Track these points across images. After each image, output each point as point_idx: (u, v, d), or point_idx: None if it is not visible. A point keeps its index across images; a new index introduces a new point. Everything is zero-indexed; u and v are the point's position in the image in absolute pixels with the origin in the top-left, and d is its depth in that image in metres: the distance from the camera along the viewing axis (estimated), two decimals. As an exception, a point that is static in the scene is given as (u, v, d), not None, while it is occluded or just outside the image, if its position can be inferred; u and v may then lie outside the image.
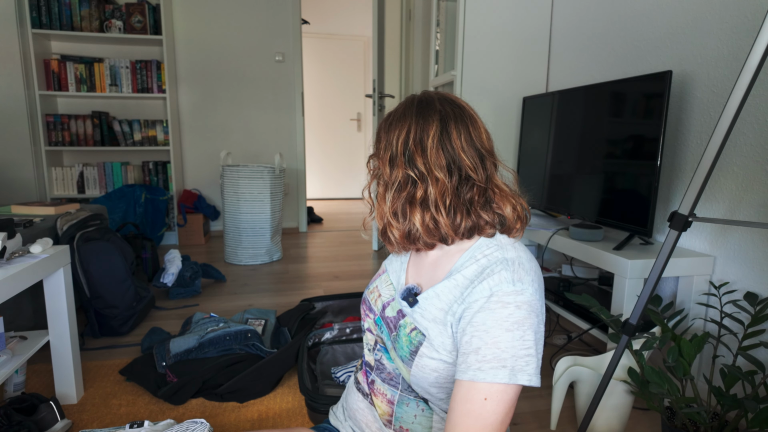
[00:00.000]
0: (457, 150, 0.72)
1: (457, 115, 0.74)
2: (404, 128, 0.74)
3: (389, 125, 0.76)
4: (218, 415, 1.46)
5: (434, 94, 0.77)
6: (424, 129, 0.72)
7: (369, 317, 0.87)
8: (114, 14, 3.38)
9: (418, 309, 0.75)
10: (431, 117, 0.73)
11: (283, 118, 4.02)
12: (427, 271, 0.79)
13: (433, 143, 0.72)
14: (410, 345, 0.74)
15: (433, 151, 0.72)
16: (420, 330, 0.74)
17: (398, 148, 0.74)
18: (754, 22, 1.40)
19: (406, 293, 0.77)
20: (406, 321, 0.76)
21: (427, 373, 0.73)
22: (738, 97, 0.94)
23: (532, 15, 2.42)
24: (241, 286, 2.70)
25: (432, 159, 0.71)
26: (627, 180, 1.63)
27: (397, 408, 0.79)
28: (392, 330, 0.78)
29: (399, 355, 0.76)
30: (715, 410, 1.25)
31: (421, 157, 0.72)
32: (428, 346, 0.72)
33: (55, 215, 2.07)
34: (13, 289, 1.19)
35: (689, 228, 1.29)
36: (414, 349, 0.73)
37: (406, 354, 0.74)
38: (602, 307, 1.28)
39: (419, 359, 0.73)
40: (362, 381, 0.88)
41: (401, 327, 0.76)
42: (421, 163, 0.72)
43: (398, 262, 0.87)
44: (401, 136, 0.74)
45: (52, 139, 3.43)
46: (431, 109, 0.74)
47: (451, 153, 0.72)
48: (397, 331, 0.77)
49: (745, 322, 1.29)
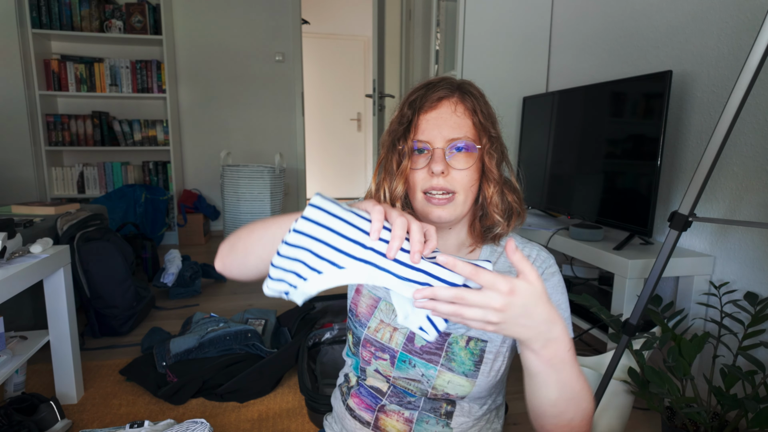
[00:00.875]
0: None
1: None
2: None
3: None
4: (218, 415, 1.46)
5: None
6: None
7: (382, 359, 0.77)
8: (114, 14, 3.38)
9: None
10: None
11: (283, 118, 4.02)
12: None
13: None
14: (473, 357, 0.73)
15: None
16: (478, 338, 0.73)
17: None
18: (754, 22, 1.40)
19: None
20: (454, 337, 0.74)
21: (493, 375, 0.74)
22: (738, 97, 0.94)
23: (532, 15, 2.42)
24: (241, 286, 2.70)
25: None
26: (627, 180, 1.63)
27: (416, 426, 0.77)
28: (438, 355, 0.74)
29: (460, 372, 0.73)
30: (715, 410, 1.25)
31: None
32: (492, 348, 0.73)
33: (55, 215, 2.07)
34: (13, 289, 1.19)
35: (689, 228, 1.29)
36: (478, 359, 0.73)
37: (470, 367, 0.73)
38: (602, 307, 1.28)
39: (485, 366, 0.73)
40: (357, 407, 0.81)
41: (452, 345, 0.74)
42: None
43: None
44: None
45: (52, 139, 3.43)
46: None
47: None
48: (447, 351, 0.74)
49: (745, 322, 1.29)
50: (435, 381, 0.74)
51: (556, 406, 0.60)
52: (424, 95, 0.73)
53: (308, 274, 0.53)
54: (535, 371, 0.58)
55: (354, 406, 0.82)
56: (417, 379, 0.75)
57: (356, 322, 0.81)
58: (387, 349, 0.77)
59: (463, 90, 0.74)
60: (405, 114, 0.74)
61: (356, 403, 0.81)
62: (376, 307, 0.80)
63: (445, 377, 0.74)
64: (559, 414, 0.60)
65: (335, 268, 0.53)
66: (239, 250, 0.67)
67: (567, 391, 0.58)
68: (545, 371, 0.57)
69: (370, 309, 0.80)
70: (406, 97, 0.75)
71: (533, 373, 0.58)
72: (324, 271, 0.53)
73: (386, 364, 0.76)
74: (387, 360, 0.76)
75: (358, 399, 0.82)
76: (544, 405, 0.61)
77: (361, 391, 0.82)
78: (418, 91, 0.74)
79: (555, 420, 0.61)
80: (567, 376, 0.58)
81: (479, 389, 0.74)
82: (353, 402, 0.82)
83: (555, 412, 0.60)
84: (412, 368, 0.75)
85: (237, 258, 0.68)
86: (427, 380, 0.74)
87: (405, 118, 0.73)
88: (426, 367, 0.74)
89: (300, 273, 0.53)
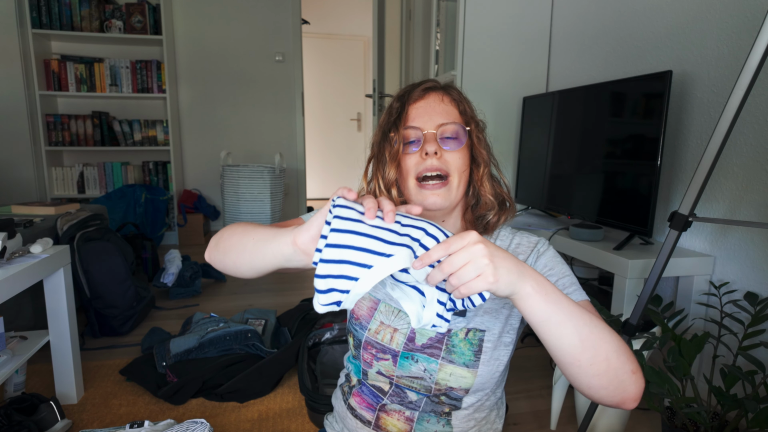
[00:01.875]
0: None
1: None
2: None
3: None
4: (218, 415, 1.46)
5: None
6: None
7: (384, 360, 0.77)
8: (114, 14, 3.38)
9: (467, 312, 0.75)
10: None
11: (283, 118, 4.02)
12: None
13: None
14: (471, 347, 0.74)
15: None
16: (476, 328, 0.74)
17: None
18: (754, 22, 1.40)
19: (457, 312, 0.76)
20: (454, 331, 0.75)
21: (494, 365, 0.75)
22: (738, 97, 0.95)
23: (532, 15, 2.42)
24: (241, 286, 2.70)
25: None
26: (627, 180, 1.63)
27: (417, 425, 0.77)
28: (439, 348, 0.75)
29: (461, 363, 0.74)
30: (715, 410, 1.25)
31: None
32: (490, 337, 0.74)
33: (55, 215, 2.07)
34: (14, 289, 1.19)
35: (689, 228, 1.29)
36: (477, 348, 0.74)
37: (470, 357, 0.74)
38: (602, 307, 1.28)
39: (484, 355, 0.74)
40: (358, 406, 0.82)
41: (452, 338, 0.74)
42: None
43: (389, 286, 0.81)
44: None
45: (52, 139, 3.43)
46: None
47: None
48: (447, 344, 0.74)
49: (745, 322, 1.29)
50: (437, 375, 0.74)
51: (585, 348, 0.57)
52: (412, 89, 0.77)
53: (358, 273, 0.51)
54: (545, 317, 0.57)
55: (355, 405, 0.82)
56: (420, 376, 0.75)
57: (356, 324, 0.81)
58: (388, 350, 0.77)
59: (448, 87, 0.79)
60: (394, 107, 0.77)
61: (358, 402, 0.82)
62: (375, 309, 0.79)
63: (447, 370, 0.74)
64: (593, 357, 0.58)
65: (384, 258, 0.52)
66: (221, 249, 0.69)
67: (582, 325, 0.57)
68: (552, 310, 0.56)
69: (370, 311, 0.80)
70: (395, 97, 0.79)
71: (544, 319, 0.57)
72: (374, 264, 0.51)
73: (389, 364, 0.77)
74: (389, 360, 0.77)
75: (359, 398, 0.82)
76: (574, 354, 0.58)
77: (363, 390, 0.82)
78: (405, 89, 0.79)
79: (594, 368, 0.58)
80: (572, 309, 0.58)
81: (482, 379, 0.75)
82: (355, 401, 0.82)
83: (588, 356, 0.58)
84: (415, 364, 0.75)
85: (218, 255, 0.70)
86: (430, 375, 0.75)
87: (395, 110, 0.76)
88: (428, 361, 0.75)
89: (349, 274, 0.51)
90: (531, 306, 0.56)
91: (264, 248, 0.61)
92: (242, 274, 0.68)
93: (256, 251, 0.62)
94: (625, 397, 0.60)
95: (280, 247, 0.59)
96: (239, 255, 0.65)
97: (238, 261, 0.65)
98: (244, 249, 0.64)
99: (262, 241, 0.62)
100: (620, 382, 0.59)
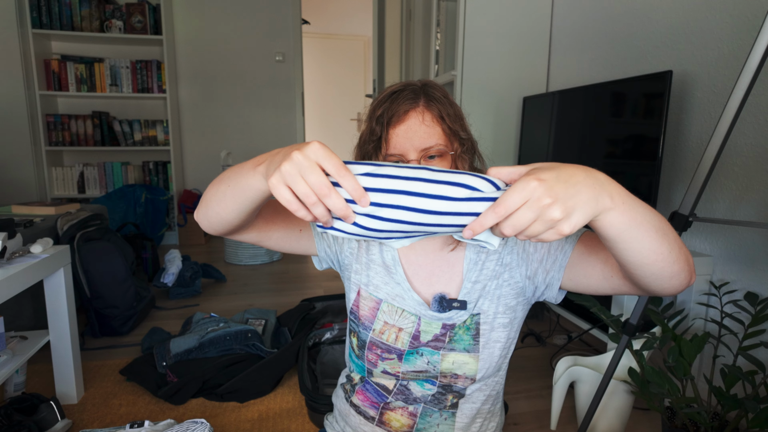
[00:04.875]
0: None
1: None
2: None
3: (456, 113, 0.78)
4: (218, 415, 1.46)
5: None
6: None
7: (389, 359, 0.78)
8: (114, 14, 3.38)
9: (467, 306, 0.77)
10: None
11: (283, 118, 4.02)
12: (436, 275, 0.78)
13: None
14: (469, 331, 0.76)
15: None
16: (471, 313, 0.76)
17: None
18: (754, 22, 1.40)
19: (458, 305, 0.77)
20: (457, 324, 0.77)
21: (498, 347, 0.76)
22: (738, 97, 0.95)
23: (532, 15, 2.42)
24: (241, 286, 2.70)
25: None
26: (627, 180, 1.63)
27: (420, 420, 0.78)
28: (442, 341, 0.76)
29: (462, 349, 0.76)
30: (715, 410, 1.25)
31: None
32: (486, 319, 0.76)
33: (55, 215, 2.07)
34: (14, 289, 1.19)
35: (689, 228, 1.29)
36: (475, 332, 0.76)
37: (469, 342, 0.76)
38: (602, 307, 1.28)
39: (482, 338, 0.76)
40: (362, 404, 0.82)
41: (454, 330, 0.76)
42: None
43: (390, 285, 0.79)
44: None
45: (53, 139, 3.43)
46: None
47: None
48: (449, 337, 0.76)
49: (746, 322, 1.29)
50: (441, 365, 0.76)
51: (665, 236, 0.54)
52: (390, 108, 0.73)
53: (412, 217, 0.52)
54: (625, 227, 0.52)
55: (359, 402, 0.83)
56: (424, 369, 0.77)
57: (360, 325, 0.81)
58: (394, 349, 0.77)
59: (428, 95, 0.73)
60: (374, 130, 0.73)
61: (361, 400, 0.82)
62: (378, 309, 0.79)
63: (449, 358, 0.76)
64: (674, 241, 0.55)
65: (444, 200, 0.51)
66: (204, 203, 0.66)
67: (652, 215, 0.54)
68: (633, 218, 0.52)
69: (373, 311, 0.79)
70: (372, 110, 0.75)
71: (625, 231, 0.52)
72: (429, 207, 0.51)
73: (394, 362, 0.78)
74: (394, 358, 0.77)
75: (363, 396, 0.82)
76: (663, 254, 0.54)
77: (366, 387, 0.82)
78: (382, 103, 0.74)
79: (674, 253, 0.55)
80: (647, 211, 0.53)
81: (484, 363, 0.76)
82: (358, 399, 0.83)
83: (667, 244, 0.54)
84: (420, 357, 0.76)
85: (203, 210, 0.67)
86: (434, 366, 0.76)
87: (374, 134, 0.73)
88: (431, 353, 0.76)
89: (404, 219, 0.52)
90: (611, 223, 0.51)
91: (237, 186, 0.59)
92: (228, 225, 0.65)
93: (234, 194, 0.60)
94: (692, 270, 0.58)
95: (249, 181, 0.57)
96: (219, 202, 0.63)
97: (219, 209, 0.63)
98: (223, 195, 0.62)
99: (234, 180, 0.60)
100: (687, 255, 0.57)
